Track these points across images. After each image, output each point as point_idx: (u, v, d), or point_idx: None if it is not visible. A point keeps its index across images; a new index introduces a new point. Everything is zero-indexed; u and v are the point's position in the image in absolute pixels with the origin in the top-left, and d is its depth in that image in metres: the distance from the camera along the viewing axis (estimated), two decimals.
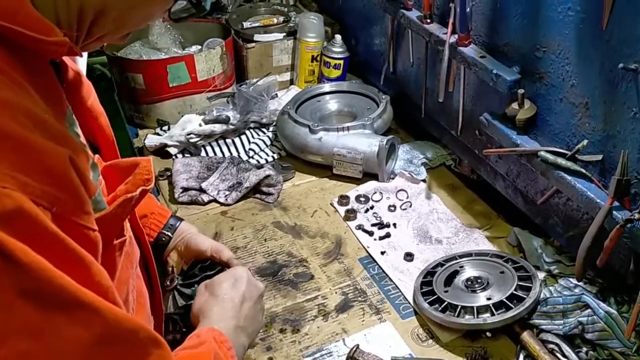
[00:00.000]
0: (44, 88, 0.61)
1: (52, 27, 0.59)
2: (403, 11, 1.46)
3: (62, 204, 0.55)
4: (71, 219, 0.56)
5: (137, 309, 0.83)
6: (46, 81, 0.63)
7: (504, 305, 1.11)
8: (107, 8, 0.62)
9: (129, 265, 0.78)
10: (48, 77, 0.64)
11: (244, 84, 1.80)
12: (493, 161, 1.38)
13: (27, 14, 0.57)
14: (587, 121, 1.06)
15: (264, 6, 2.07)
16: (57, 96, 0.65)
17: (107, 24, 0.65)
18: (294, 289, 1.25)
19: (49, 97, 0.61)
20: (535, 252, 1.25)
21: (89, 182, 0.61)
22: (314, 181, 1.57)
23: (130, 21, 0.68)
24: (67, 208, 0.56)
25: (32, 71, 0.59)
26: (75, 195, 0.57)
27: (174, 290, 1.08)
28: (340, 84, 1.79)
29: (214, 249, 1.11)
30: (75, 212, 0.57)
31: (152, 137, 1.68)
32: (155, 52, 1.79)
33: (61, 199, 0.55)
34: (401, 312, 1.19)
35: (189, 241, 1.13)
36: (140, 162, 0.74)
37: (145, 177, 0.72)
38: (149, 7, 0.67)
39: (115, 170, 0.75)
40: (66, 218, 0.56)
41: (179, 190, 1.48)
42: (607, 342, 1.03)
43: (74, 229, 0.57)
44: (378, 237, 1.38)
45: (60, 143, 0.57)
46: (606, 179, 1.05)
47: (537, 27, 1.11)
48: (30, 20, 0.57)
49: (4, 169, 0.51)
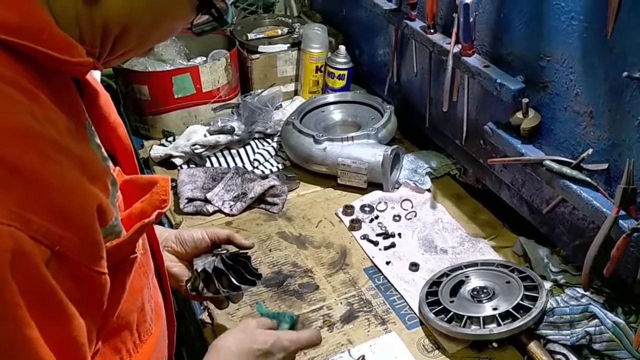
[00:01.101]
0: (67, 104, 0.61)
1: (75, 46, 0.59)
2: (407, 22, 1.47)
3: (66, 244, 0.54)
4: (76, 260, 0.55)
5: (155, 319, 0.82)
6: (69, 97, 0.63)
7: (511, 316, 1.10)
8: (131, 24, 0.62)
9: (143, 274, 0.77)
10: (70, 92, 0.64)
11: (248, 95, 1.81)
12: (498, 170, 1.37)
13: (52, 32, 0.57)
14: (591, 130, 1.06)
15: (269, 18, 2.08)
16: (79, 110, 0.65)
17: (132, 40, 0.65)
18: (299, 299, 1.24)
19: (72, 113, 0.61)
20: (542, 262, 1.25)
21: (108, 211, 0.60)
22: (318, 191, 1.57)
23: (154, 36, 0.68)
24: (73, 249, 0.55)
25: (57, 88, 0.59)
26: (86, 239, 0.56)
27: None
28: (345, 94, 1.80)
29: (210, 235, 1.10)
30: (83, 255, 0.56)
31: (158, 148, 1.68)
32: (160, 64, 1.80)
33: (66, 238, 0.54)
34: (407, 322, 1.18)
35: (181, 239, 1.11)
36: (159, 181, 0.72)
37: (162, 197, 0.71)
38: (172, 21, 0.67)
39: (134, 186, 0.74)
40: (70, 258, 0.55)
41: (184, 200, 1.48)
42: (615, 352, 1.02)
43: (79, 270, 0.56)
44: (383, 247, 1.37)
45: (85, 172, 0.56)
46: (612, 187, 1.04)
47: (541, 36, 1.11)
48: (54, 40, 0.57)
49: (10, 205, 0.50)
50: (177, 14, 0.66)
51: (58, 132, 0.56)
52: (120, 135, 0.80)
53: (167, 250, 1.09)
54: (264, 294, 1.25)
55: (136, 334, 0.76)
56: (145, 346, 0.78)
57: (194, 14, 0.68)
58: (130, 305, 0.73)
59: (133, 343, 0.75)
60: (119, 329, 0.73)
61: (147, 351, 0.79)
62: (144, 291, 0.77)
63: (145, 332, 0.78)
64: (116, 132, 0.79)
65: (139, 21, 0.63)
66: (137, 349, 0.76)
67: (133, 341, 0.75)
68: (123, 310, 0.71)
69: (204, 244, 1.09)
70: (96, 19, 0.60)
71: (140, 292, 0.76)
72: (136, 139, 1.81)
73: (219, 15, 0.68)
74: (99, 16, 0.60)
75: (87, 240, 0.56)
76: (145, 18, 0.63)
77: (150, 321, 0.79)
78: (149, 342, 0.79)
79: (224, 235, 1.10)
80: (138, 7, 0.62)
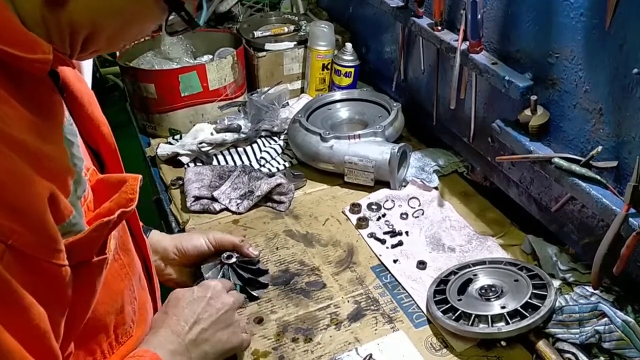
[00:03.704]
0: (36, 102, 0.61)
1: (38, 43, 0.59)
2: (414, 19, 1.46)
3: (18, 238, 0.54)
4: (31, 255, 0.56)
5: (140, 322, 0.82)
6: (38, 93, 0.63)
7: (519, 314, 1.09)
8: (99, 27, 0.63)
9: (124, 276, 0.77)
10: (41, 88, 0.64)
11: (255, 93, 1.81)
12: (506, 168, 1.37)
13: (13, 29, 0.57)
14: (601, 127, 1.05)
15: (275, 15, 2.08)
16: (52, 107, 0.65)
17: (101, 40, 0.65)
18: (306, 297, 1.24)
19: (40, 110, 0.61)
20: (550, 260, 1.24)
21: (64, 207, 0.60)
22: (325, 189, 1.57)
23: (124, 37, 0.68)
24: (26, 243, 0.55)
25: (25, 86, 0.59)
26: (38, 232, 0.57)
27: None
28: (351, 92, 1.79)
29: (212, 242, 1.09)
30: (38, 248, 0.57)
31: (164, 147, 1.69)
32: (167, 62, 1.80)
33: (18, 232, 0.54)
34: (414, 321, 1.18)
35: (182, 245, 1.11)
36: (128, 179, 0.72)
37: (130, 196, 0.70)
38: (141, 24, 0.67)
39: (106, 185, 0.74)
40: (25, 252, 0.55)
41: (190, 199, 1.48)
42: (624, 351, 1.01)
43: (35, 263, 0.56)
44: (390, 245, 1.37)
45: (39, 167, 0.57)
46: (622, 185, 1.04)
47: (549, 33, 1.10)
48: (14, 37, 0.57)
49: None
50: (146, 17, 0.66)
51: (17, 127, 0.57)
52: (104, 133, 0.80)
53: (169, 264, 1.09)
54: (271, 292, 1.25)
55: (113, 335, 0.76)
56: (123, 348, 0.78)
57: (164, 16, 0.67)
58: (107, 307, 0.73)
59: (109, 344, 0.76)
60: (95, 331, 0.73)
61: (124, 352, 0.78)
62: (124, 293, 0.77)
63: (124, 334, 0.78)
64: (99, 130, 0.79)
65: (107, 24, 0.63)
66: (112, 350, 0.76)
67: (109, 342, 0.75)
68: (100, 312, 0.72)
69: (208, 251, 1.10)
70: (62, 22, 0.60)
71: (119, 294, 0.76)
72: (143, 137, 1.81)
73: (189, 18, 0.68)
74: (65, 19, 0.60)
75: (40, 234, 0.57)
76: (113, 21, 0.63)
77: (132, 323, 0.79)
78: (127, 344, 0.79)
79: (229, 244, 1.10)
80: (105, 11, 0.61)
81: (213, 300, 0.96)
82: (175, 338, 0.88)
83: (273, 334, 1.16)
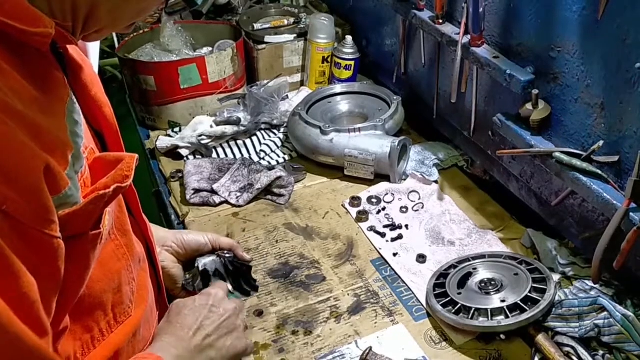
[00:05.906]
0: (40, 78, 0.62)
1: (40, 17, 0.60)
2: (415, 12, 1.45)
3: (11, 204, 0.54)
4: (24, 223, 0.56)
5: (138, 301, 0.83)
6: (41, 69, 0.64)
7: (519, 308, 1.09)
8: (99, 2, 0.64)
9: (122, 256, 0.78)
10: (43, 63, 0.65)
11: (254, 86, 1.80)
12: (506, 162, 1.36)
13: (16, 3, 0.58)
14: (602, 122, 1.05)
15: (275, 8, 2.07)
16: (53, 83, 0.66)
17: (103, 16, 0.66)
18: (306, 290, 1.24)
19: (42, 84, 0.62)
20: (550, 254, 1.24)
21: (60, 178, 0.61)
22: (325, 182, 1.57)
23: (125, 14, 0.68)
24: (19, 210, 0.55)
25: (23, 58, 0.60)
26: (32, 200, 0.57)
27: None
28: (351, 85, 1.79)
29: (212, 242, 1.11)
30: (31, 216, 0.57)
31: (164, 139, 1.68)
32: (166, 54, 1.79)
33: (11, 198, 0.54)
34: (414, 314, 1.18)
35: (183, 240, 1.11)
36: (125, 158, 0.72)
37: (126, 173, 0.71)
38: (140, 1, 0.68)
39: (103, 163, 0.74)
40: (18, 220, 0.55)
41: (190, 191, 1.48)
42: (624, 345, 1.02)
43: (28, 232, 0.57)
44: (390, 238, 1.37)
45: (37, 139, 0.57)
46: (622, 180, 1.04)
47: (551, 27, 1.10)
48: (17, 10, 0.58)
49: None
50: None
51: (19, 99, 0.57)
52: (106, 114, 0.81)
53: (166, 250, 1.10)
54: (270, 285, 1.25)
55: (111, 314, 0.77)
56: (122, 327, 0.79)
57: None
58: (104, 285, 0.74)
59: (107, 323, 0.76)
60: (92, 308, 0.74)
61: (124, 332, 0.79)
62: (121, 273, 0.77)
63: (122, 314, 0.79)
64: (102, 111, 0.79)
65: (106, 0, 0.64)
66: (111, 329, 0.77)
67: (107, 321, 0.76)
68: (96, 290, 0.72)
69: (207, 249, 1.11)
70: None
71: (117, 273, 0.76)
72: (142, 129, 1.81)
73: None
74: None
75: (34, 202, 0.57)
76: None
77: (130, 303, 0.80)
78: (126, 324, 0.80)
79: (227, 245, 1.11)
80: None
81: (215, 307, 0.97)
82: (179, 343, 0.89)
83: (273, 327, 1.16)
